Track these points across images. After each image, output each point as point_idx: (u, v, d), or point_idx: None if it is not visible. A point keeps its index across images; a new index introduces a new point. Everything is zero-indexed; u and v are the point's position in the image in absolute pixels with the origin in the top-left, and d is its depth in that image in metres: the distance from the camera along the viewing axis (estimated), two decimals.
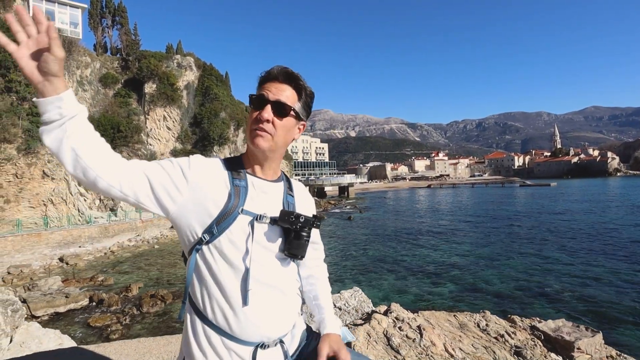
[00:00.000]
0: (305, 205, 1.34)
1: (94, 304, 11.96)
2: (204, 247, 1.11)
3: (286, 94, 1.18)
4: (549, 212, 33.51)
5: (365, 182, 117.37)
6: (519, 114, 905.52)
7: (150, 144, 36.60)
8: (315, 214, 1.27)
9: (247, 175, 1.21)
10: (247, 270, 1.11)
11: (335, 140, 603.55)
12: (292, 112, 1.19)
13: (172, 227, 27.32)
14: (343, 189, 68.79)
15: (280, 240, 1.20)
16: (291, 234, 1.19)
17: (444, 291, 12.28)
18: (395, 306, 3.33)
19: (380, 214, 38.33)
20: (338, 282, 13.06)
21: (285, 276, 1.21)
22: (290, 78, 1.20)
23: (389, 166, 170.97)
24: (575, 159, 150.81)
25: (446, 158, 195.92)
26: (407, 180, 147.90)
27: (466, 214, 34.88)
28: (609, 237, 20.02)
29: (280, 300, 1.18)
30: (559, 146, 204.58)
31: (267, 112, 1.15)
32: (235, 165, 1.22)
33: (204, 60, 44.20)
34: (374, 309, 3.74)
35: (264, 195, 1.22)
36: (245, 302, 1.10)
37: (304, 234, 1.19)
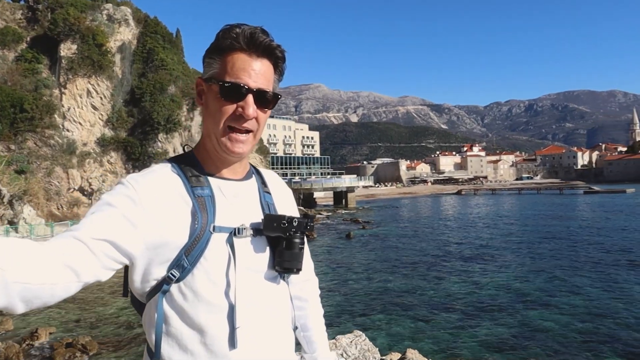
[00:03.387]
0: (286, 202, 1.45)
1: None
2: (173, 288, 1.15)
3: (267, 74, 1.22)
4: (624, 229, 34.02)
5: (371, 186, 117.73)
6: (584, 93, 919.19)
7: (68, 130, 36.34)
8: (305, 212, 1.30)
9: (210, 179, 1.24)
10: (231, 307, 1.16)
11: (329, 127, 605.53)
12: (275, 99, 1.24)
13: None
14: (339, 196, 69.04)
15: (267, 254, 1.26)
16: (281, 243, 1.24)
17: (477, 336, 12.44)
18: (412, 353, 3.43)
19: (390, 230, 38.55)
20: (333, 324, 13.11)
21: (277, 301, 1.27)
22: (269, 51, 1.22)
23: (404, 164, 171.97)
24: None
25: (483, 153, 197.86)
26: (429, 183, 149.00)
27: (509, 232, 35.27)
28: None
29: (273, 335, 1.24)
30: (638, 138, 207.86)
31: (252, 107, 1.19)
32: (191, 168, 1.24)
33: (146, 12, 44.09)
34: (383, 358, 3.84)
35: (236, 201, 1.26)
36: (232, 344, 1.15)
37: (297, 240, 1.24)
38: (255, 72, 1.20)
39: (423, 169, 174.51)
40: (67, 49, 37.49)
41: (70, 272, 1.00)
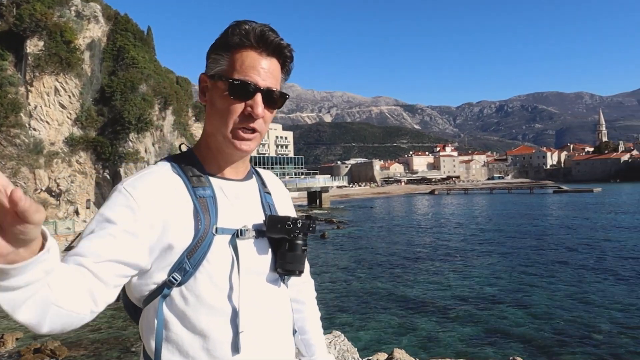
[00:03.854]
0: (285, 202, 1.45)
1: None
2: (174, 292, 1.13)
3: (275, 74, 1.21)
4: (592, 227, 34.95)
5: (345, 186, 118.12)
6: (553, 95, 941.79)
7: (35, 129, 35.42)
8: (307, 213, 1.31)
9: (212, 179, 1.23)
10: (235, 311, 1.15)
11: (303, 127, 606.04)
12: (283, 99, 1.24)
13: (68, 249, 27.44)
14: (313, 196, 69.21)
15: (269, 256, 1.25)
16: (284, 245, 1.24)
17: (456, 334, 12.59)
18: (399, 353, 3.46)
19: (365, 230, 38.75)
20: None
21: (278, 304, 1.27)
22: (279, 50, 1.21)
23: (377, 164, 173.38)
24: (626, 157, 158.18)
25: (456, 153, 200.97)
26: (403, 183, 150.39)
27: (482, 231, 35.81)
28: None
29: (275, 340, 1.23)
30: (605, 139, 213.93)
31: (261, 107, 1.17)
32: (191, 168, 1.22)
33: (116, 9, 43.38)
34: (369, 358, 3.86)
35: (238, 201, 1.25)
36: (236, 349, 1.13)
37: (300, 242, 1.24)
38: (265, 70, 1.18)
39: (397, 169, 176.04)
40: (34, 46, 36.56)
41: (90, 301, 0.99)
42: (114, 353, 12.07)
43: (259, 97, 1.17)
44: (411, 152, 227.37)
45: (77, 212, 33.25)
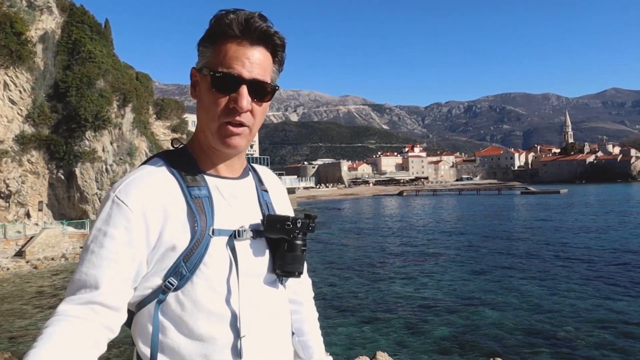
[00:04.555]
0: (283, 200, 1.42)
1: None
2: (170, 297, 1.11)
3: (263, 63, 1.18)
4: (559, 228, 35.93)
5: (312, 187, 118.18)
6: (520, 96, 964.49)
7: None
8: (307, 212, 1.29)
9: (207, 178, 1.21)
10: (235, 315, 1.14)
11: (269, 127, 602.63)
12: (273, 90, 1.21)
13: (18, 254, 25.69)
14: None
15: (267, 257, 1.25)
16: (283, 245, 1.23)
17: (428, 336, 12.68)
18: (382, 356, 3.36)
19: (333, 233, 38.79)
20: None
21: (277, 306, 1.26)
22: (266, 38, 1.18)
23: (345, 165, 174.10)
24: (592, 158, 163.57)
25: (424, 154, 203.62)
26: (371, 184, 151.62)
27: (452, 233, 36.34)
28: (636, 263, 21.80)
29: (276, 343, 1.23)
30: (571, 140, 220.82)
31: (247, 100, 1.14)
32: (185, 166, 1.20)
33: (71, 0, 42.13)
34: None
35: (235, 201, 1.23)
36: (238, 354, 1.12)
37: (299, 242, 1.24)
38: (250, 61, 1.14)
39: (365, 169, 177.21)
40: None
41: (109, 334, 1.05)
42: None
43: (243, 89, 1.13)
44: (379, 153, 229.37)
45: (28, 215, 32.11)
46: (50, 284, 21.31)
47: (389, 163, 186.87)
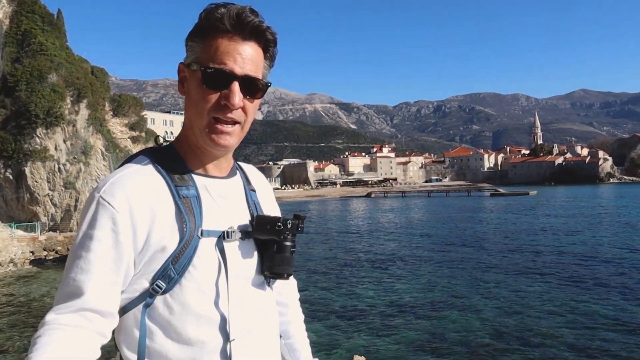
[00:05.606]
0: (270, 200, 1.45)
1: None
2: (158, 300, 1.12)
3: (255, 59, 1.18)
4: (528, 231, 36.88)
5: (278, 189, 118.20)
6: (490, 96, 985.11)
7: None
8: (297, 214, 1.30)
9: (195, 178, 1.21)
10: (224, 318, 1.15)
11: None
12: (265, 87, 1.21)
13: None
14: None
15: (255, 258, 1.25)
16: (272, 246, 1.24)
17: (400, 340, 12.90)
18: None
19: (299, 236, 38.69)
20: None
21: (265, 309, 1.27)
22: (258, 33, 1.18)
23: (311, 165, 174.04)
24: (560, 160, 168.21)
25: (393, 155, 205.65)
26: (338, 185, 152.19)
27: (420, 236, 36.84)
28: (603, 265, 22.65)
29: (265, 345, 1.24)
30: (540, 141, 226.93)
31: (238, 96, 1.14)
32: (173, 165, 1.20)
33: None
34: None
35: (223, 201, 1.24)
36: (227, 358, 1.14)
37: (289, 243, 1.24)
38: (242, 56, 1.14)
39: (332, 170, 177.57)
40: None
41: (101, 339, 1.07)
42: None
43: (235, 85, 1.13)
44: (347, 153, 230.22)
45: None
46: None
47: (356, 164, 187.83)
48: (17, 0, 40.35)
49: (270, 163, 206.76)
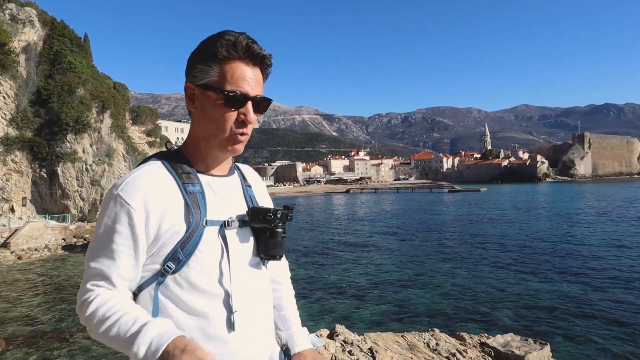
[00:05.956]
0: (263, 194, 1.47)
1: None
2: (169, 279, 1.14)
3: (260, 81, 1.24)
4: (479, 221, 37.37)
5: (272, 186, 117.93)
6: (448, 109, 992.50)
7: None
8: (286, 205, 1.34)
9: (200, 176, 1.23)
10: (227, 293, 1.17)
11: None
12: (268, 103, 1.26)
13: (3, 245, 24.50)
14: None
15: (251, 243, 1.28)
16: (265, 233, 1.27)
17: (374, 312, 13.00)
18: (340, 328, 3.52)
19: (288, 224, 38.77)
20: None
21: (261, 285, 1.29)
22: (262, 60, 1.23)
23: (300, 166, 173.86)
24: (506, 162, 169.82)
25: (368, 158, 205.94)
26: (322, 183, 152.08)
27: (390, 224, 37.12)
28: (539, 247, 23.06)
29: (262, 317, 1.26)
30: (489, 147, 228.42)
31: (252, 114, 1.20)
32: (181, 166, 1.22)
33: (52, 15, 40.41)
34: (315, 333, 3.89)
35: (224, 195, 1.26)
36: (231, 327, 1.16)
37: (280, 230, 1.28)
38: (252, 80, 1.19)
39: (317, 170, 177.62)
40: None
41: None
42: (54, 344, 11.25)
43: (250, 105, 1.18)
44: (329, 156, 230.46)
45: (12, 210, 30.62)
46: (35, 272, 20.43)
47: (337, 165, 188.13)
48: (49, 25, 39.76)
49: (265, 164, 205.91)
